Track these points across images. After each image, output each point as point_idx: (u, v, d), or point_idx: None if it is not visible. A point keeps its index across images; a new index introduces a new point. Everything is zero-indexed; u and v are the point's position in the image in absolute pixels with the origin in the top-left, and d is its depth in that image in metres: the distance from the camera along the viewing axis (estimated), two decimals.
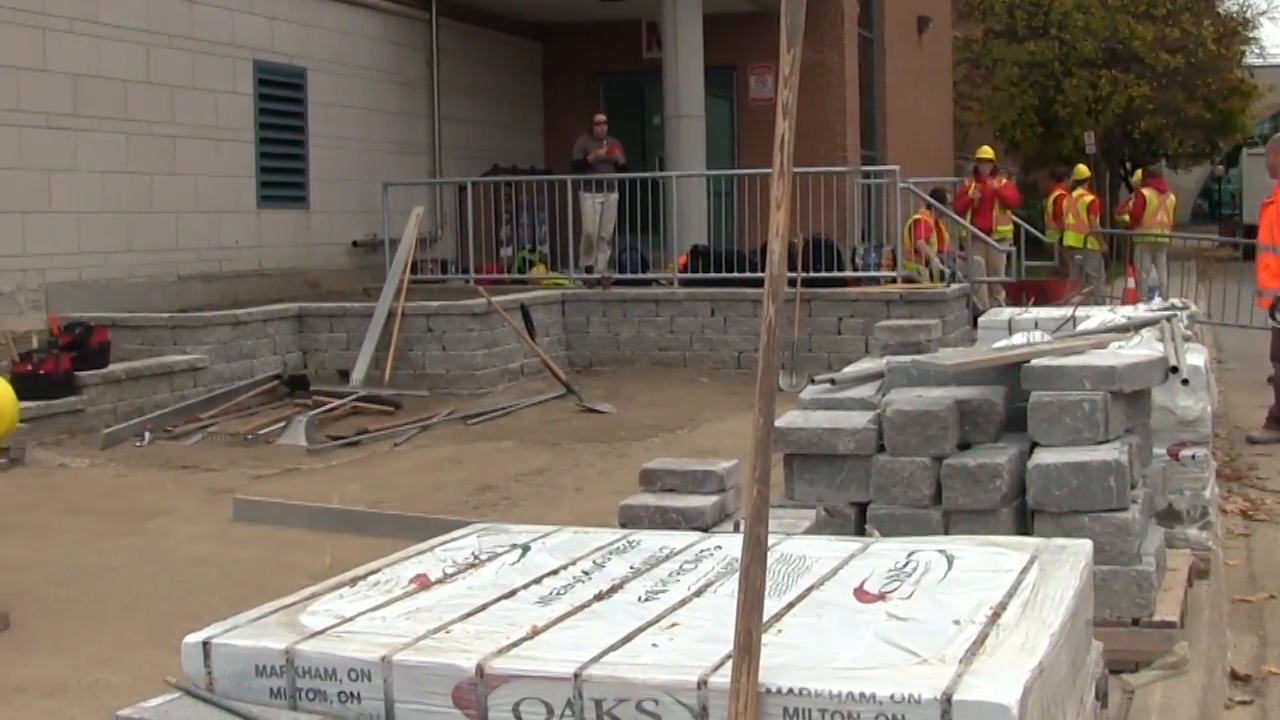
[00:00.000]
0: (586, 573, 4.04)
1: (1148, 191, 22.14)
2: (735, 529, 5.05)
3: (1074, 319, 8.01)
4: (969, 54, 38.71)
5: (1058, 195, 23.39)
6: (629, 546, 4.33)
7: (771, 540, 3.72)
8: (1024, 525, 5.69)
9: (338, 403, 13.71)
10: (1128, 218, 23.08)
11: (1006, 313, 9.37)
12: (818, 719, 3.02)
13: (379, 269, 17.34)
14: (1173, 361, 6.63)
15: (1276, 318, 11.72)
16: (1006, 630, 3.33)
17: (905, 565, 3.91)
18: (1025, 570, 3.82)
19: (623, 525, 5.28)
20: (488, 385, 15.04)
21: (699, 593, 3.78)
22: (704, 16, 19.91)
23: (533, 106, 23.87)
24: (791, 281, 15.22)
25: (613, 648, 3.33)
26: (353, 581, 4.06)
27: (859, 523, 5.97)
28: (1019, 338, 7.14)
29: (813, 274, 16.34)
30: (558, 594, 3.84)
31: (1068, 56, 37.60)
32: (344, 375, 14.90)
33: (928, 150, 28.02)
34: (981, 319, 9.48)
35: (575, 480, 10.50)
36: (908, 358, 6.64)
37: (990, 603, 3.53)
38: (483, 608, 3.73)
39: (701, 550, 4.24)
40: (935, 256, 18.22)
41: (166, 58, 15.86)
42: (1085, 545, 4.13)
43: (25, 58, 13.99)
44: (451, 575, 4.09)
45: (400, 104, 20.28)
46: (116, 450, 11.93)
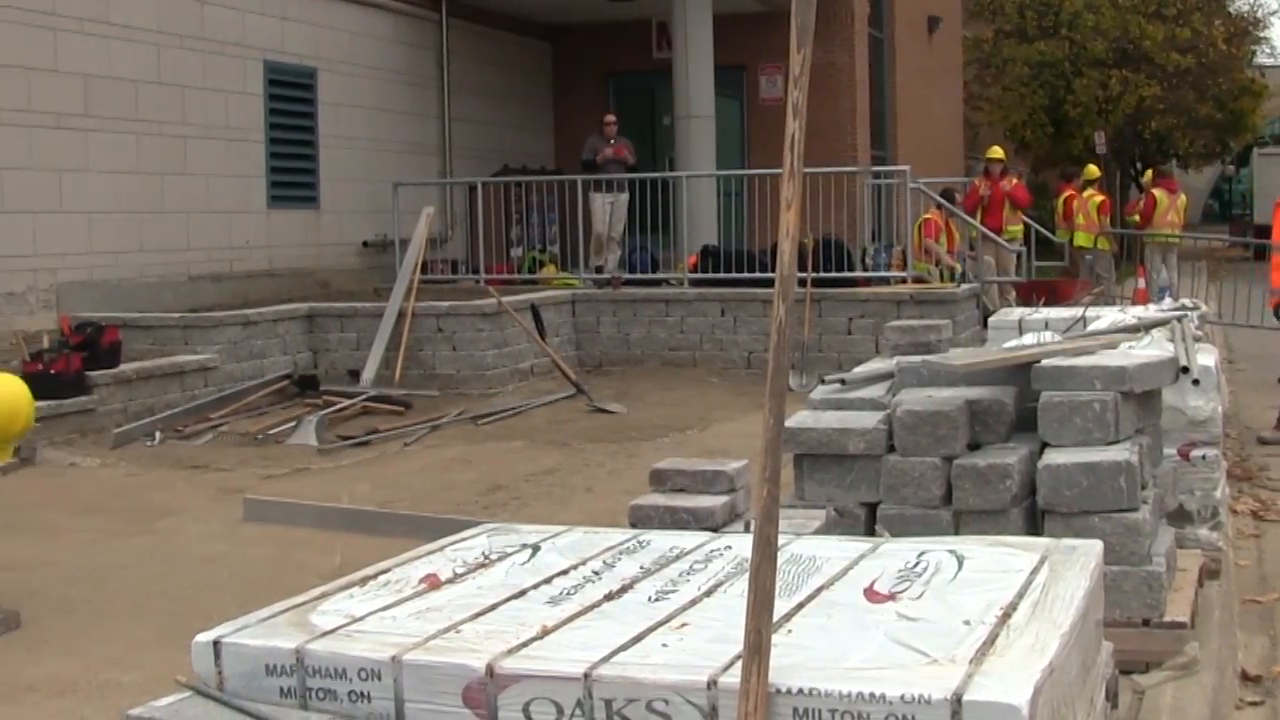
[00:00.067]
0: (596, 573, 4.04)
1: (1158, 192, 22.09)
2: (745, 529, 5.05)
3: (1084, 319, 8.01)
4: (979, 54, 38.67)
5: (1068, 195, 23.36)
6: (639, 546, 4.34)
7: (781, 540, 3.72)
8: (1034, 525, 5.69)
9: (348, 403, 13.72)
10: (1138, 218, 23.03)
11: (1017, 313, 9.36)
12: (828, 719, 3.03)
13: (389, 269, 17.34)
14: (1183, 362, 6.63)
15: None
16: (1017, 631, 3.33)
17: (915, 565, 3.91)
18: (1035, 571, 3.82)
19: (633, 525, 5.28)
20: (498, 385, 15.03)
21: (709, 593, 3.78)
22: (714, 16, 19.88)
23: (543, 107, 23.87)
24: (802, 282, 15.19)
25: (623, 648, 3.34)
26: (363, 581, 4.07)
27: (869, 523, 5.97)
28: (1029, 338, 7.15)
29: (823, 274, 16.32)
30: (568, 594, 3.84)
31: (1078, 56, 37.55)
32: (354, 375, 14.90)
33: (938, 150, 27.98)
34: (992, 319, 9.47)
35: (585, 480, 10.49)
36: (918, 358, 6.64)
37: (1000, 603, 3.52)
38: (493, 607, 3.73)
39: (711, 550, 4.24)
40: (945, 255, 18.19)
41: (177, 58, 15.87)
42: (1096, 546, 4.12)
43: (36, 58, 14.00)
44: (461, 575, 4.09)
45: (410, 104, 20.28)
46: (127, 450, 11.94)
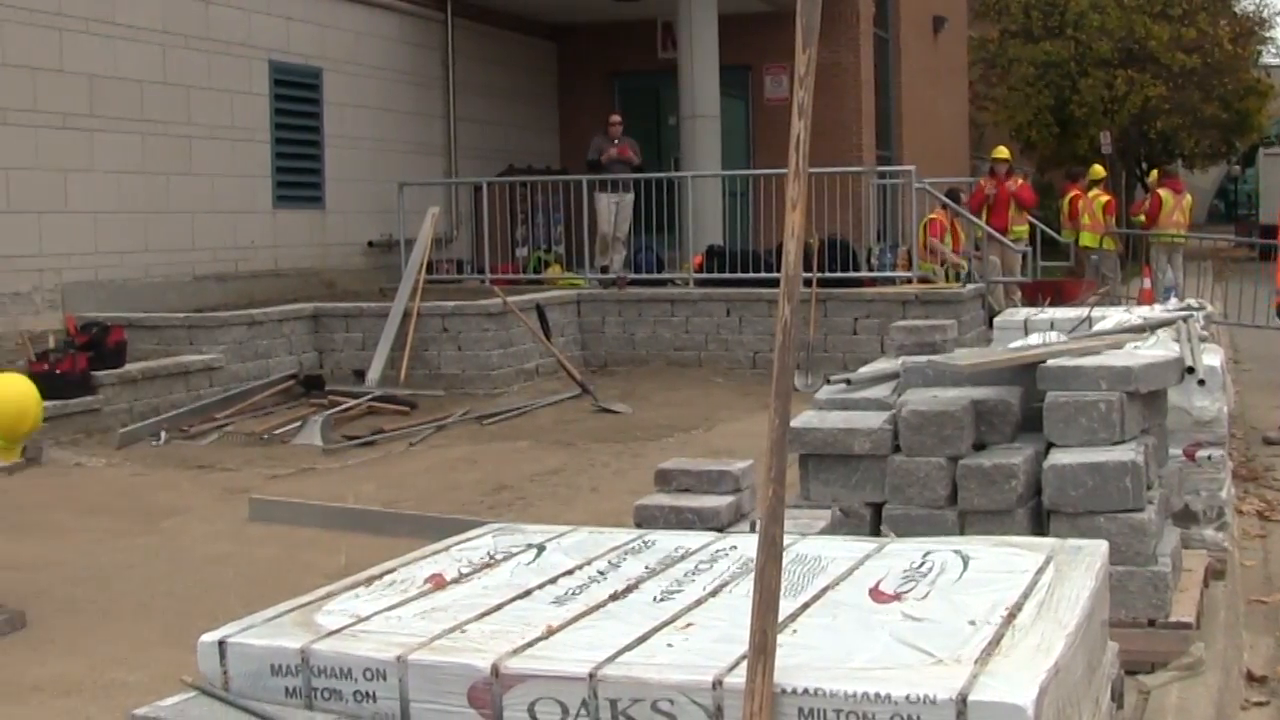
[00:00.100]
0: (602, 573, 4.04)
1: (1164, 192, 22.07)
2: (750, 529, 5.05)
3: (1090, 319, 8.01)
4: (985, 54, 38.65)
5: (1073, 195, 23.32)
6: (644, 546, 4.33)
7: (787, 540, 3.72)
8: (1040, 526, 5.69)
9: (353, 402, 13.73)
10: (1143, 218, 23.00)
11: (1022, 313, 9.37)
12: (833, 719, 3.03)
13: (394, 269, 17.35)
14: (1189, 362, 6.62)
15: None
16: (1022, 631, 3.33)
17: (920, 566, 3.91)
18: (1041, 571, 3.81)
19: (638, 525, 5.28)
20: (503, 385, 15.04)
21: (714, 593, 3.78)
22: (719, 16, 19.89)
23: (548, 107, 23.87)
24: (807, 282, 15.19)
25: (628, 648, 3.34)
26: (368, 581, 4.07)
27: (874, 523, 5.97)
28: (1035, 338, 7.14)
29: (828, 274, 16.32)
30: (573, 594, 3.84)
31: (1083, 56, 37.52)
32: (359, 375, 14.91)
33: (943, 150, 27.98)
34: (997, 319, 9.47)
35: (590, 480, 10.50)
36: (923, 358, 6.64)
37: (1006, 603, 3.52)
38: (498, 607, 3.73)
39: (717, 550, 4.24)
40: (950, 253, 18.16)
41: (182, 58, 15.88)
42: (1101, 546, 4.12)
43: (41, 58, 14.01)
44: (467, 575, 4.09)
45: (416, 104, 20.29)
46: (133, 450, 11.95)
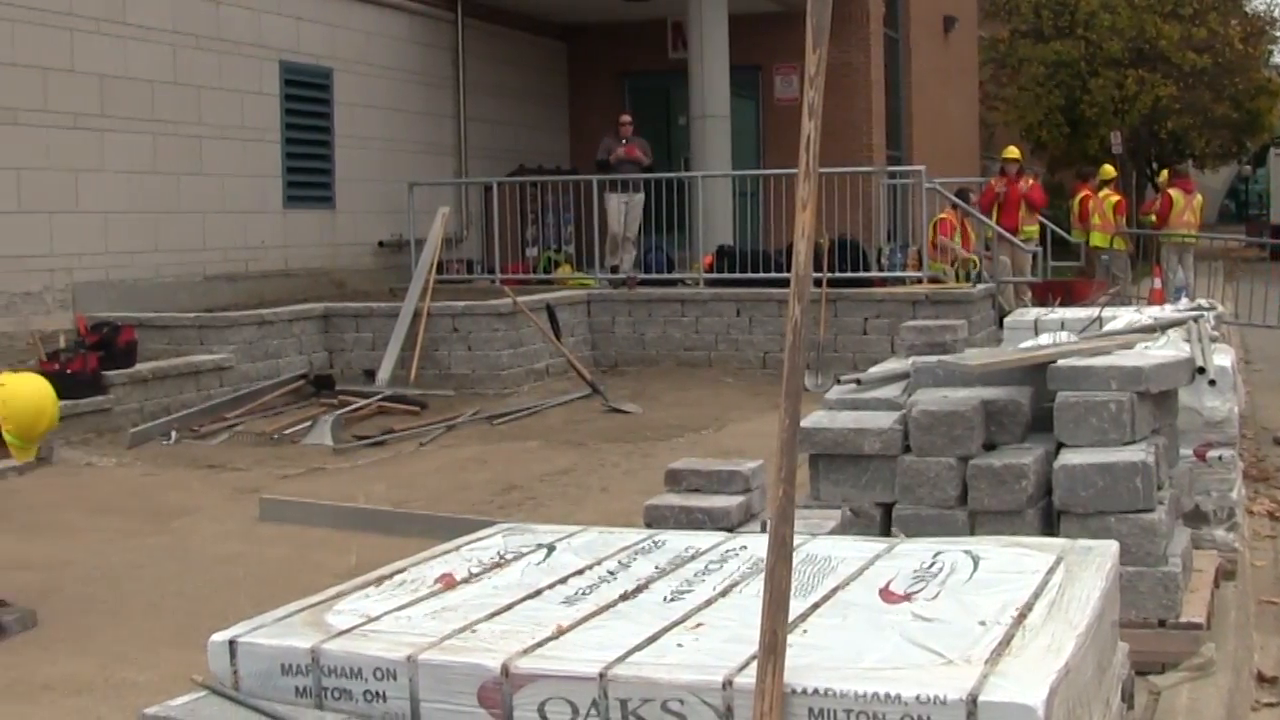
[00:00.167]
0: (612, 573, 4.05)
1: (1174, 192, 22.04)
2: (761, 529, 5.05)
3: (1100, 319, 8.00)
4: (995, 54, 38.60)
5: (1084, 195, 23.30)
6: (654, 546, 4.34)
7: (797, 541, 3.71)
8: (1050, 526, 5.69)
9: (363, 402, 13.73)
10: (1154, 218, 22.98)
11: (1032, 313, 9.36)
12: (843, 719, 3.03)
13: (405, 269, 17.35)
14: (1199, 362, 6.61)
15: None
16: (1032, 631, 3.33)
17: (931, 566, 3.91)
18: (1051, 571, 3.81)
19: (648, 525, 5.29)
20: (513, 385, 15.04)
21: (724, 593, 3.78)
22: (729, 16, 19.87)
23: (558, 107, 23.87)
24: (817, 282, 15.18)
25: (638, 648, 3.34)
26: (378, 581, 4.07)
27: (884, 523, 5.97)
28: (1045, 338, 7.14)
29: (838, 274, 16.30)
30: (583, 594, 3.84)
31: (1094, 56, 37.47)
32: (370, 375, 14.92)
33: (953, 150, 27.94)
34: (1007, 319, 9.46)
35: (600, 480, 10.49)
36: (933, 358, 6.64)
37: (1016, 604, 3.52)
38: (508, 607, 3.73)
39: (727, 550, 4.24)
40: (959, 249, 18.12)
41: (193, 58, 15.90)
42: (1111, 546, 4.12)
43: (52, 58, 14.03)
44: (477, 575, 4.09)
45: (426, 104, 20.30)
46: (143, 450, 11.96)
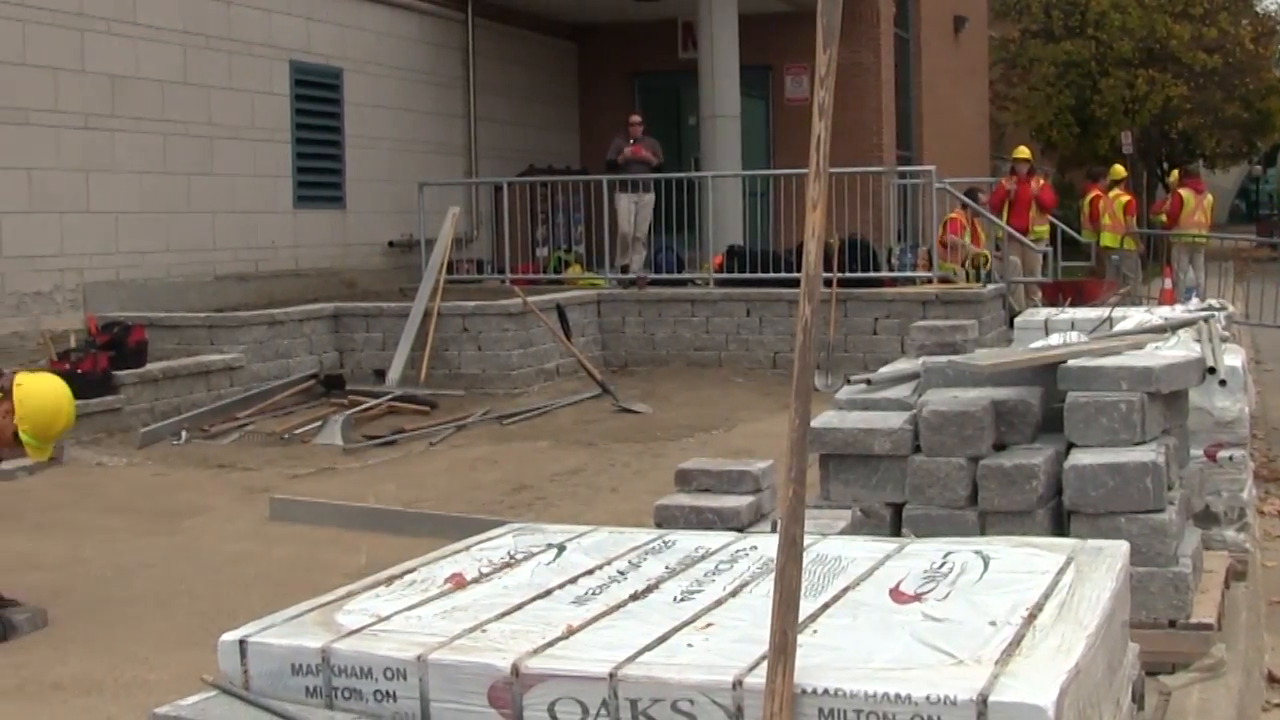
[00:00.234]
0: (622, 573, 4.05)
1: (1185, 192, 22.00)
2: (771, 529, 5.05)
3: (1111, 320, 7.99)
4: (1005, 54, 38.58)
5: (1094, 196, 23.25)
6: (664, 546, 4.33)
7: (807, 541, 3.71)
8: (1060, 526, 5.68)
9: (374, 402, 13.74)
10: (1165, 218, 22.92)
11: (1043, 313, 9.35)
12: (853, 719, 3.03)
13: (415, 269, 17.36)
14: (1210, 362, 6.60)
15: None
16: (1043, 631, 3.32)
17: (941, 566, 3.90)
18: (1061, 571, 3.81)
19: (658, 525, 5.28)
20: (523, 385, 15.04)
21: (734, 593, 3.78)
22: (739, 16, 19.86)
23: (568, 107, 23.88)
24: (827, 282, 15.17)
25: (648, 648, 3.34)
26: (389, 581, 4.08)
27: (895, 523, 5.96)
28: (1055, 338, 7.13)
29: (848, 274, 16.28)
30: (593, 594, 3.84)
31: (1104, 56, 37.42)
32: (380, 375, 14.93)
33: (964, 150, 27.92)
34: (1018, 320, 9.46)
35: (611, 480, 10.49)
36: (944, 358, 6.63)
37: (1026, 604, 3.52)
38: (518, 607, 3.73)
39: (737, 550, 4.24)
40: (969, 244, 18.07)
41: (204, 58, 15.92)
42: (1122, 546, 4.11)
43: (63, 58, 14.06)
44: (487, 575, 4.10)
45: (436, 104, 20.32)
46: (153, 449, 11.97)
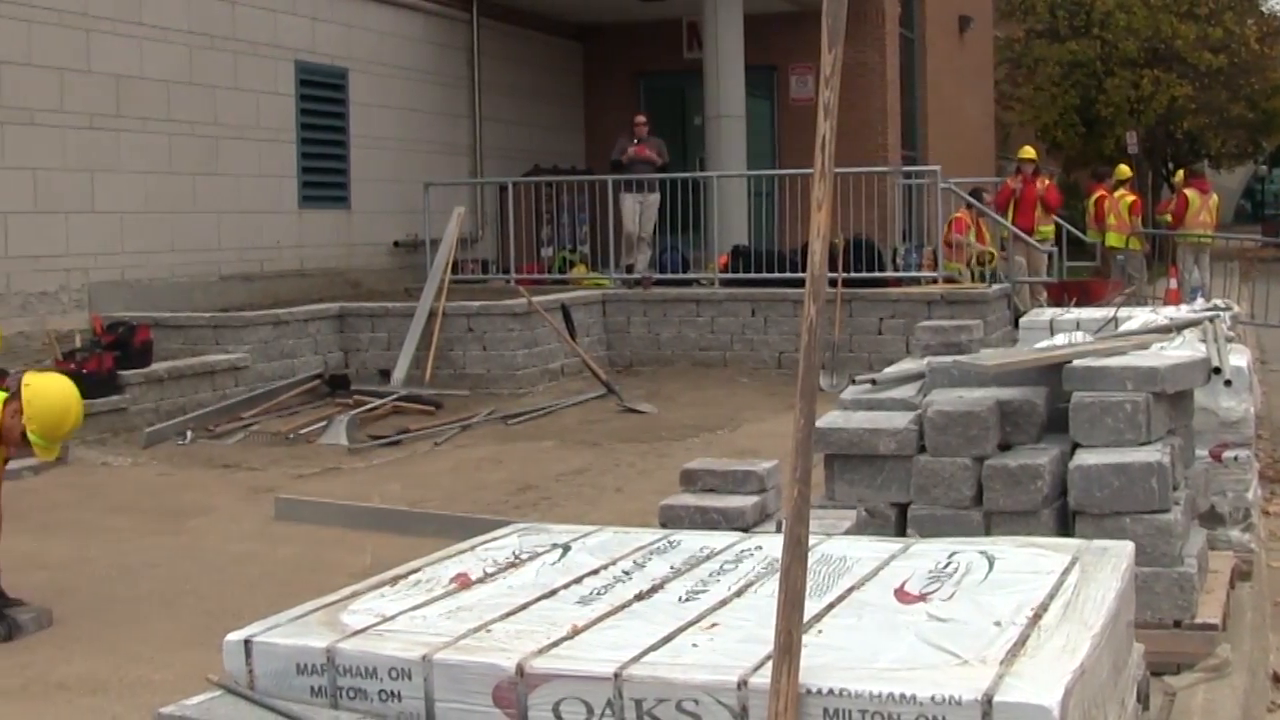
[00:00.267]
0: (627, 573, 4.05)
1: (1190, 192, 21.97)
2: (776, 529, 5.05)
3: (1116, 320, 7.99)
4: (1010, 54, 38.57)
5: (1099, 196, 23.24)
6: (669, 546, 4.34)
7: (812, 541, 3.71)
8: (1065, 526, 5.68)
9: (379, 402, 13.75)
10: (1170, 218, 22.90)
11: (1048, 313, 9.35)
12: (858, 719, 3.03)
13: (420, 269, 17.36)
14: (1215, 363, 6.60)
15: None
16: (1048, 632, 3.32)
17: (946, 566, 3.90)
18: (1067, 572, 3.81)
19: (663, 525, 5.29)
20: (528, 385, 15.04)
21: (739, 593, 3.78)
22: (745, 16, 19.86)
23: (573, 107, 23.87)
24: (832, 282, 15.17)
25: (653, 648, 3.34)
26: (394, 580, 4.08)
27: (900, 523, 5.96)
28: (1061, 338, 7.13)
29: (854, 274, 16.28)
30: (598, 594, 3.84)
31: (1110, 56, 37.41)
32: (385, 375, 14.93)
33: (969, 150, 27.89)
34: (1023, 320, 9.45)
35: (616, 480, 10.50)
36: (949, 358, 6.63)
37: (1031, 604, 3.52)
38: (523, 607, 3.73)
39: (742, 550, 4.24)
40: (974, 242, 18.06)
41: (209, 59, 15.92)
42: (1127, 547, 4.11)
43: (68, 58, 14.06)
44: (492, 574, 4.10)
45: (441, 104, 20.31)
46: (159, 449, 11.98)
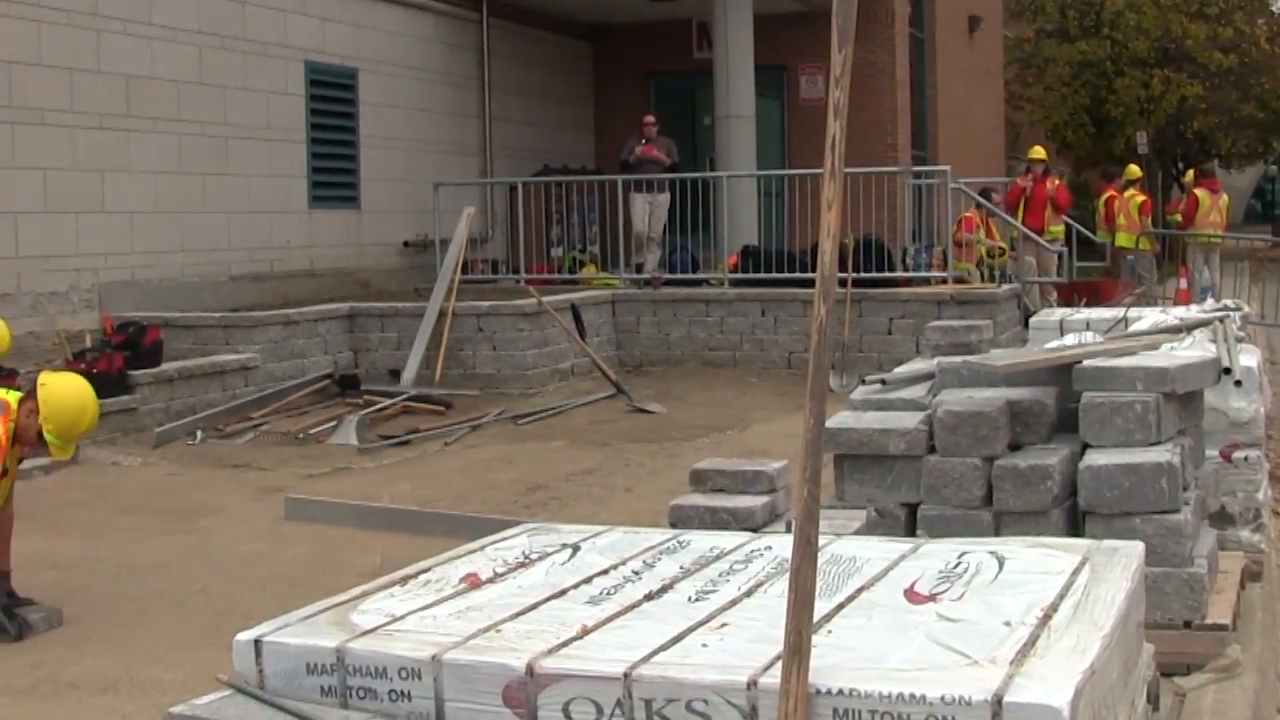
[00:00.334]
0: (637, 573, 4.05)
1: (1200, 192, 21.94)
2: (786, 529, 5.05)
3: (1126, 320, 7.98)
4: (1020, 54, 38.53)
5: (1109, 196, 23.19)
6: (679, 547, 4.34)
7: (822, 541, 3.71)
8: (1075, 527, 5.67)
9: (388, 402, 13.75)
10: (1180, 218, 22.87)
11: (1058, 313, 9.34)
12: None
13: (430, 269, 17.38)
14: (1225, 363, 6.59)
15: None
16: (1057, 632, 3.32)
17: (956, 566, 3.90)
18: (1077, 572, 3.80)
19: (673, 525, 5.29)
20: (538, 385, 15.05)
21: (749, 593, 3.78)
22: (754, 16, 19.86)
23: (583, 107, 23.88)
24: (842, 282, 15.17)
25: (663, 648, 3.34)
26: (403, 580, 4.08)
27: (909, 524, 5.96)
28: (1070, 339, 7.12)
29: (863, 274, 16.28)
30: (608, 594, 3.84)
31: (1120, 56, 37.36)
32: (395, 375, 14.94)
33: (979, 150, 27.87)
34: (1033, 320, 9.45)
35: (625, 480, 10.50)
36: (959, 358, 6.63)
37: (1041, 604, 3.51)
38: (533, 607, 3.74)
39: (752, 551, 4.24)
40: (984, 239, 18.04)
41: (219, 59, 15.94)
42: (1137, 547, 4.11)
43: (79, 59, 14.09)
44: (502, 574, 4.10)
45: (451, 104, 20.32)
46: (169, 449, 12.00)
